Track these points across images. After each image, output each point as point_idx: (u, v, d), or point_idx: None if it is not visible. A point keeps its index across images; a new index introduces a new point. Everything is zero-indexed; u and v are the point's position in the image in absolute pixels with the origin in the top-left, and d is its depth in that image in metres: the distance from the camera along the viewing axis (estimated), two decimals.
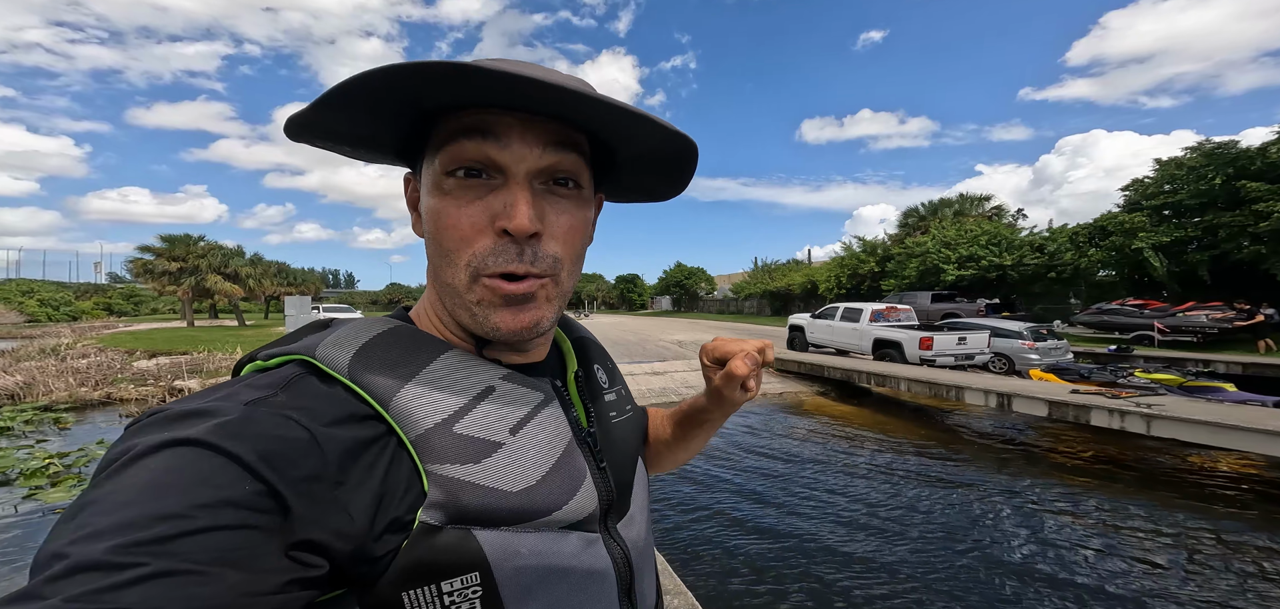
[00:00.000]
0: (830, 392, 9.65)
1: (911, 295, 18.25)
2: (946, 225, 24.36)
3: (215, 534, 0.26)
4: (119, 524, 0.25)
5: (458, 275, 0.40)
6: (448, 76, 0.34)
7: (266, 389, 0.34)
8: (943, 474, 5.44)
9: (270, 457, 0.29)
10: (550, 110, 0.39)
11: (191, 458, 0.28)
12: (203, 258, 24.80)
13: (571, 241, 0.43)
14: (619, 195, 0.54)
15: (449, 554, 0.34)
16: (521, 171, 0.39)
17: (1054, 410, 6.17)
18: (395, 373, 0.37)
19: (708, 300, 50.59)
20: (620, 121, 0.39)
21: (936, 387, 7.70)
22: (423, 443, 0.35)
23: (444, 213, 0.39)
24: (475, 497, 0.36)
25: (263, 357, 0.38)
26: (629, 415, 0.54)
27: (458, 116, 0.39)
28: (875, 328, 10.86)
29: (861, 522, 4.36)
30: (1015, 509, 4.58)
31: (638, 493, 0.51)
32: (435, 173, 0.40)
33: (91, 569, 0.24)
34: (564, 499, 0.40)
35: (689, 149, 0.44)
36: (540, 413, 0.42)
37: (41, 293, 45.25)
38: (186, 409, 0.31)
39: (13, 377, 9.91)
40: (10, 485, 4.92)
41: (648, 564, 0.50)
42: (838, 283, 27.79)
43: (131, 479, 0.27)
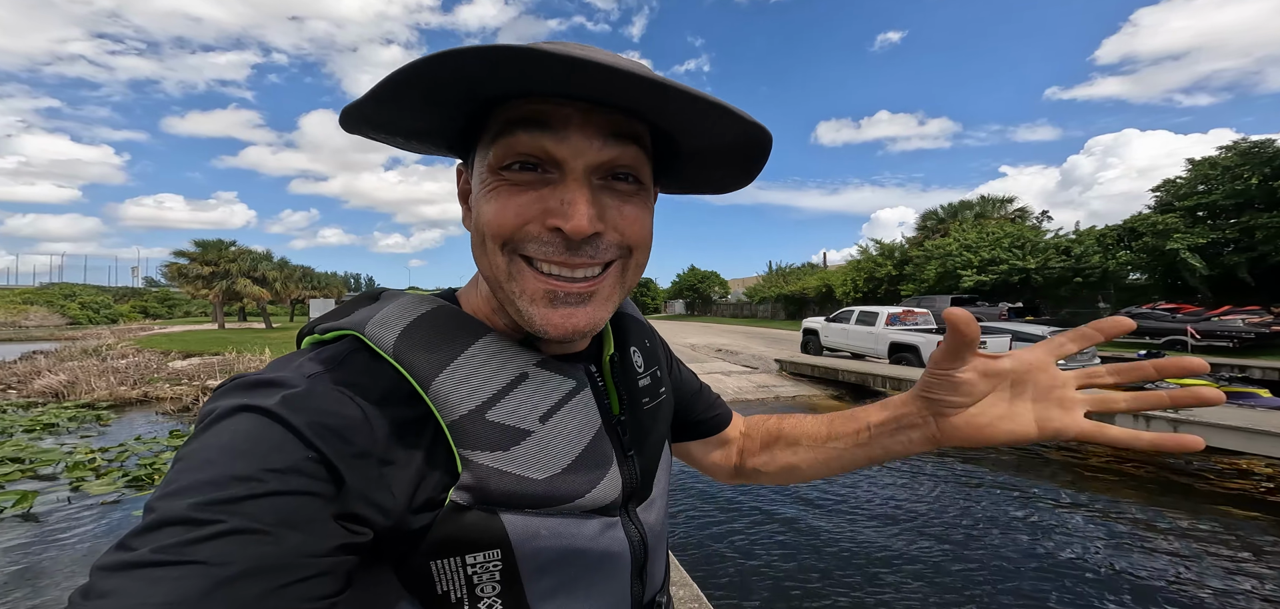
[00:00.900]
0: (844, 395, 9.54)
1: (930, 299, 17.90)
2: (967, 228, 23.85)
3: (281, 498, 0.29)
4: (201, 482, 0.28)
5: (496, 261, 0.39)
6: (504, 59, 0.31)
7: (325, 363, 0.36)
8: (959, 477, 5.35)
9: (328, 431, 0.32)
10: (614, 100, 0.35)
11: (263, 426, 0.31)
12: (233, 262, 25.77)
13: (638, 233, 0.40)
14: (678, 188, 0.50)
15: (474, 532, 0.36)
16: (580, 167, 0.37)
17: None
18: (435, 356, 0.38)
19: (721, 304, 50.33)
20: (688, 111, 0.36)
21: None
22: (458, 428, 0.37)
23: (489, 204, 0.38)
24: (503, 483, 0.37)
25: (320, 329, 0.41)
26: (661, 399, 0.53)
27: (514, 106, 0.37)
28: (891, 331, 10.72)
29: (872, 522, 4.34)
30: (1035, 513, 4.49)
31: (660, 477, 0.51)
32: (488, 165, 0.38)
33: (175, 524, 0.27)
34: (588, 487, 0.41)
35: (763, 139, 0.40)
36: (571, 401, 0.42)
37: (82, 296, 47.55)
38: (261, 379, 0.34)
39: (58, 376, 10.50)
40: (56, 479, 5.21)
41: (660, 545, 0.51)
42: (854, 287, 27.40)
43: (213, 440, 0.31)
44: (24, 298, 44.85)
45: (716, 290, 53.72)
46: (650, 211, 0.43)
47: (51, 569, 3.54)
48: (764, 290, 40.61)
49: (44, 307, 43.09)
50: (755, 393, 9.31)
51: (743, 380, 10.38)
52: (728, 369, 11.75)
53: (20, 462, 5.57)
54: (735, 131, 0.39)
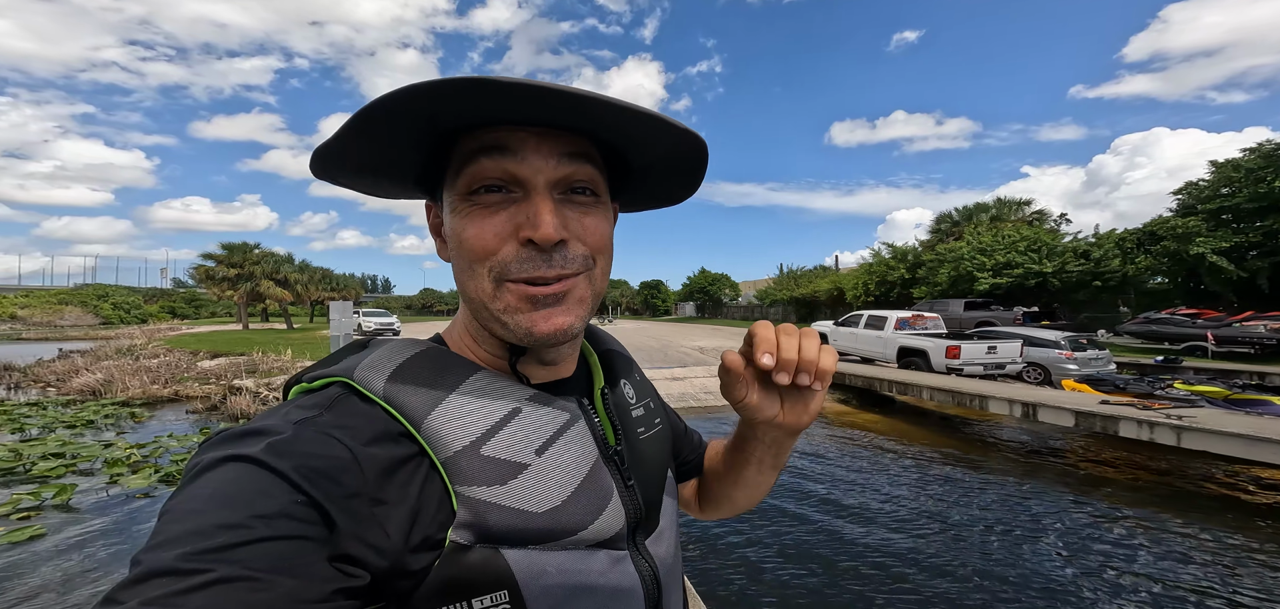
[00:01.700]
0: (851, 399, 9.56)
1: (942, 303, 17.69)
2: (982, 231, 23.48)
3: (270, 544, 0.29)
4: (187, 532, 0.28)
5: (482, 285, 0.41)
6: (460, 91, 0.34)
7: (313, 409, 0.36)
8: (966, 484, 5.38)
9: (315, 474, 0.32)
10: (563, 119, 0.39)
11: (250, 473, 0.31)
12: (257, 265, 26.54)
13: (598, 241, 0.43)
14: (634, 204, 0.55)
15: (478, 572, 0.36)
16: (541, 182, 0.40)
17: (1081, 421, 6.00)
18: (426, 395, 0.39)
19: (732, 307, 50.16)
20: (631, 125, 0.39)
21: (960, 396, 7.56)
22: (452, 465, 0.37)
23: (468, 228, 0.40)
24: (502, 518, 0.37)
25: (308, 378, 0.41)
26: (657, 429, 0.53)
27: (475, 136, 0.40)
28: (900, 336, 10.68)
29: (879, 527, 4.41)
30: (1039, 520, 4.52)
31: (667, 507, 0.51)
32: (457, 193, 0.41)
33: (163, 575, 0.27)
34: (590, 518, 0.40)
35: (698, 147, 0.43)
36: (566, 432, 0.42)
37: (114, 297, 49.42)
38: (247, 429, 0.34)
39: (95, 375, 11.04)
40: (94, 473, 5.55)
41: (675, 580, 0.50)
42: (866, 290, 27.14)
43: (198, 491, 0.31)
44: (60, 298, 46.89)
45: (727, 293, 53.51)
46: (609, 223, 0.45)
47: (88, 559, 3.80)
48: (775, 293, 40.40)
49: (78, 307, 44.99)
50: None
51: None
52: None
53: (62, 456, 5.96)
54: (673, 140, 0.42)
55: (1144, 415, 5.49)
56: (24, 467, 5.52)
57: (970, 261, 20.76)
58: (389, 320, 21.68)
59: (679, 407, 8.47)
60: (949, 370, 9.32)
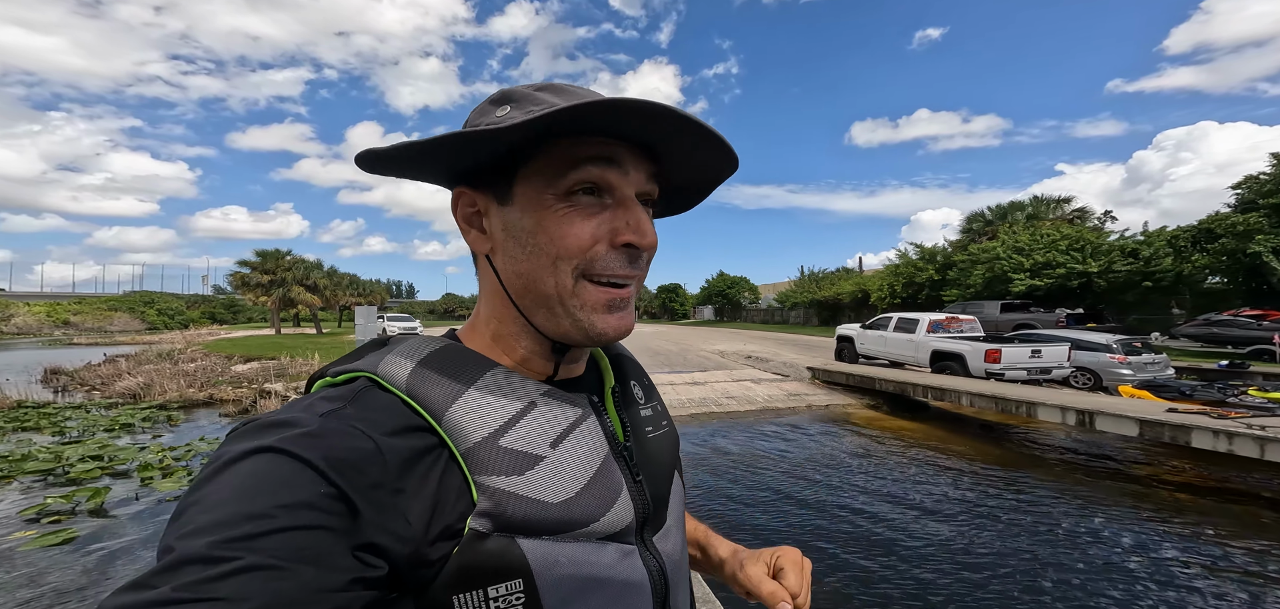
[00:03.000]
0: (882, 405, 9.12)
1: (977, 305, 16.93)
2: (1018, 230, 22.45)
3: (295, 533, 0.30)
4: (216, 521, 0.29)
5: (564, 281, 0.43)
6: (593, 111, 0.38)
7: (338, 402, 0.37)
8: (1012, 495, 4.98)
9: (341, 464, 0.33)
10: (656, 132, 0.43)
11: (275, 463, 0.32)
12: (289, 271, 27.60)
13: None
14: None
15: (495, 560, 0.36)
16: (632, 193, 0.44)
17: (1146, 431, 5.49)
18: (447, 388, 0.40)
19: (752, 310, 49.66)
20: (693, 150, 0.44)
21: (1004, 402, 7.09)
22: (471, 455, 0.38)
23: (564, 224, 0.42)
24: (519, 507, 0.38)
25: (331, 373, 0.43)
26: (664, 431, 0.55)
27: (581, 144, 0.42)
28: (933, 339, 10.19)
29: (916, 539, 4.09)
30: (1098, 538, 4.11)
31: (673, 506, 0.52)
32: (553, 190, 0.43)
33: (193, 562, 0.27)
34: (602, 511, 0.42)
35: (730, 160, 0.46)
36: (579, 427, 0.44)
37: (159, 303, 52.13)
38: (273, 420, 0.35)
39: (136, 378, 11.51)
40: (129, 476, 5.67)
41: (682, 578, 0.51)
42: (891, 292, 26.32)
43: (226, 481, 0.31)
44: (109, 305, 49.67)
45: (746, 296, 53.04)
46: None
47: (113, 563, 3.83)
48: (796, 296, 39.76)
49: (126, 313, 47.56)
50: (786, 401, 9.03)
51: (773, 388, 10.12)
52: (758, 377, 11.48)
53: (99, 459, 6.12)
54: (718, 165, 0.47)
55: (1220, 425, 4.98)
56: (62, 468, 5.68)
57: (1006, 262, 19.85)
58: (412, 324, 22.37)
59: (700, 412, 8.24)
60: (988, 375, 8.81)
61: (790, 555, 0.57)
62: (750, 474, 5.66)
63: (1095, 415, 5.91)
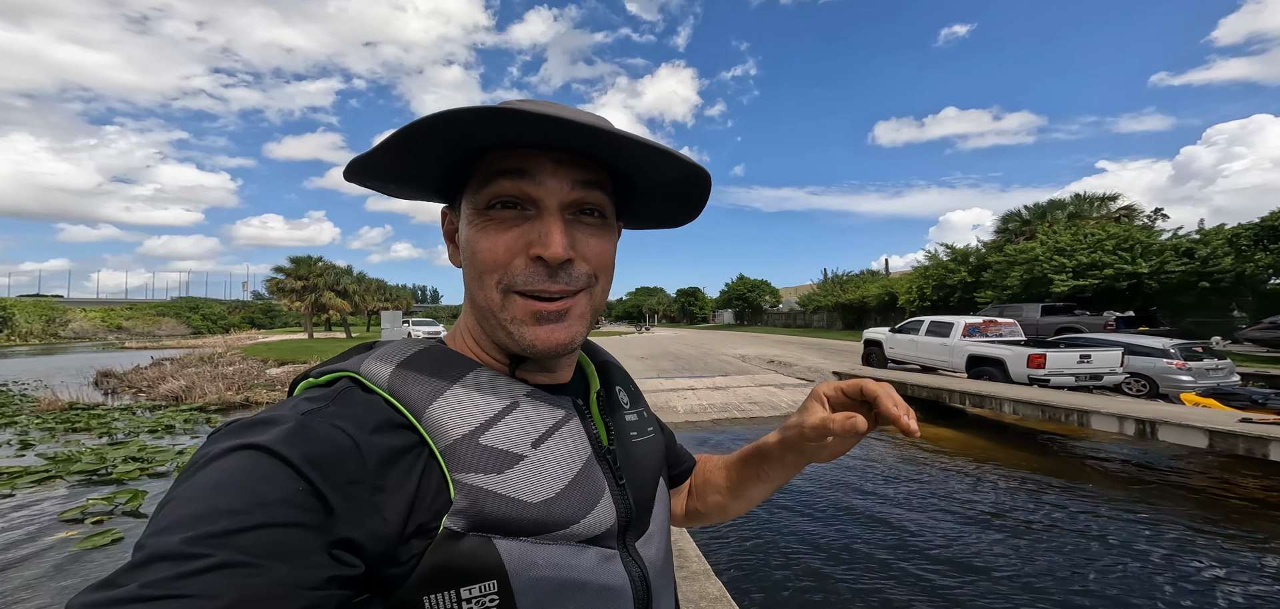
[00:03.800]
0: (916, 412, 8.69)
1: (1015, 308, 16.11)
2: (1059, 229, 21.32)
3: (269, 530, 0.29)
4: (190, 517, 0.29)
5: (491, 295, 0.43)
6: (490, 118, 0.37)
7: (320, 401, 0.37)
8: (1060, 507, 4.61)
9: (318, 460, 0.32)
10: (578, 146, 0.42)
11: (254, 461, 0.31)
12: (320, 277, 28.63)
13: (602, 262, 0.46)
14: (637, 223, 0.57)
15: (469, 560, 0.36)
16: (554, 204, 0.42)
17: (1217, 442, 5.01)
18: (428, 387, 0.40)
19: (773, 314, 48.92)
20: (639, 155, 0.42)
21: (1051, 409, 6.62)
22: (450, 452, 0.38)
23: (482, 239, 0.43)
24: (496, 505, 0.37)
25: (315, 374, 0.42)
26: (650, 436, 0.55)
27: (498, 157, 0.42)
28: (970, 343, 9.68)
29: (953, 552, 3.81)
30: (1163, 557, 3.73)
31: (657, 513, 0.52)
32: (475, 206, 0.43)
33: (165, 559, 0.27)
34: (582, 513, 0.41)
35: (702, 179, 0.46)
36: (562, 428, 0.43)
37: (204, 309, 54.84)
38: (255, 420, 0.35)
39: (179, 381, 12.02)
40: (166, 477, 5.85)
41: (666, 584, 0.50)
42: (920, 295, 25.38)
43: (204, 479, 0.31)
44: (158, 310, 52.55)
45: (767, 299, 52.35)
46: (613, 243, 0.48)
47: None
48: (819, 299, 38.92)
49: (173, 318, 50.18)
50: None
51: (797, 393, 9.79)
52: (781, 382, 11.15)
53: (139, 460, 6.34)
54: (679, 171, 0.45)
55: None
56: (106, 469, 5.90)
57: (1047, 263, 18.85)
58: (436, 328, 22.80)
59: (721, 417, 8.02)
60: (1032, 381, 8.29)
61: (868, 384, 0.51)
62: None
63: (1158, 425, 5.44)
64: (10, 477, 5.45)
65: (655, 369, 12.91)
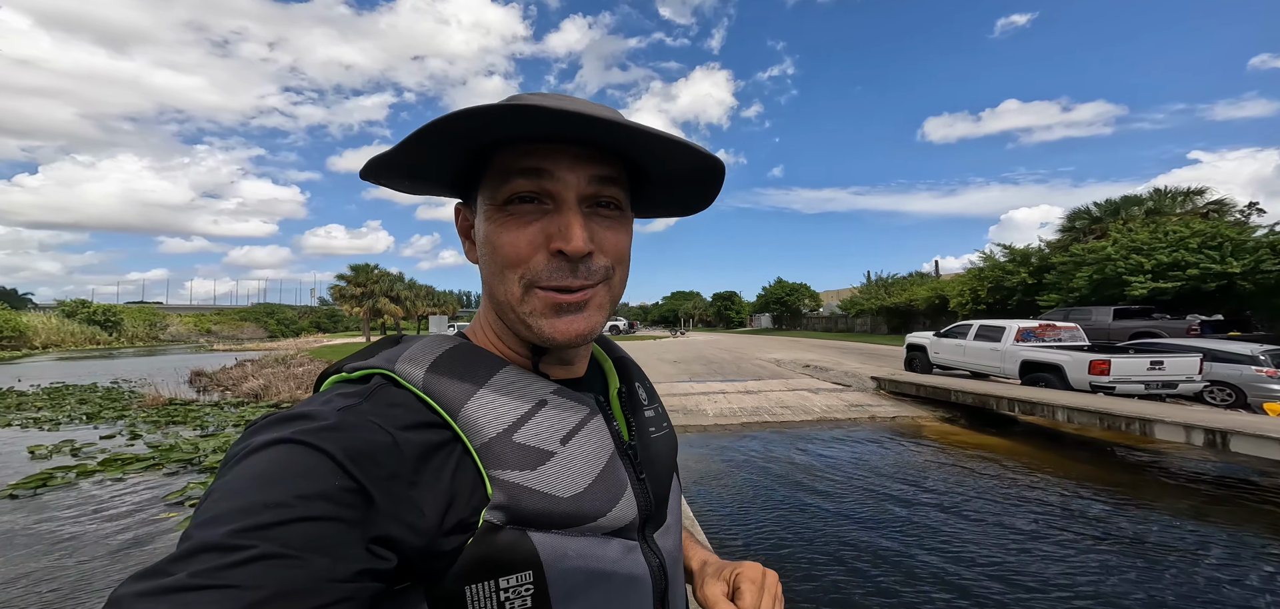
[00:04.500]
0: (958, 418, 8.29)
1: (1083, 311, 14.89)
2: (1135, 226, 19.47)
3: (310, 524, 0.30)
4: (234, 510, 0.30)
5: (512, 289, 0.44)
6: (505, 115, 0.38)
7: (354, 397, 0.38)
8: (1120, 521, 4.31)
9: (358, 456, 0.33)
10: (593, 139, 0.43)
11: (295, 454, 0.33)
12: (376, 283, 30.77)
13: (619, 253, 0.47)
14: (651, 212, 0.57)
15: (507, 552, 0.38)
16: (572, 198, 0.43)
17: None
18: (462, 386, 0.41)
19: (812, 318, 47.43)
20: (652, 145, 0.43)
21: (1110, 418, 6.16)
22: (486, 450, 0.39)
23: (503, 235, 0.43)
24: (531, 501, 0.39)
25: (347, 369, 0.44)
26: (665, 432, 0.57)
27: (514, 153, 0.43)
28: (1023, 348, 9.10)
29: (992, 560, 3.68)
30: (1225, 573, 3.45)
31: (672, 505, 0.54)
32: (494, 202, 0.44)
33: (211, 550, 0.28)
34: (608, 506, 0.43)
35: (716, 167, 0.47)
36: (587, 425, 0.45)
37: (278, 314, 60.25)
38: (293, 413, 0.36)
39: (258, 380, 13.40)
40: None
41: (679, 574, 0.53)
42: (974, 297, 23.84)
43: (246, 470, 0.32)
44: (241, 316, 58.40)
45: (806, 303, 50.78)
46: (629, 234, 0.49)
47: None
48: (862, 302, 37.34)
49: (253, 322, 55.64)
50: (846, 412, 8.50)
51: (832, 398, 9.57)
52: (816, 386, 10.91)
53: (224, 451, 7.17)
54: (692, 160, 0.46)
55: None
56: (199, 458, 6.66)
57: (1120, 263, 17.26)
58: None
59: (751, 421, 7.99)
60: (1094, 388, 7.70)
61: (750, 572, 0.55)
62: (805, 486, 5.41)
63: (1229, 435, 4.96)
64: (124, 463, 6.25)
65: (687, 373, 12.95)
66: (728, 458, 6.33)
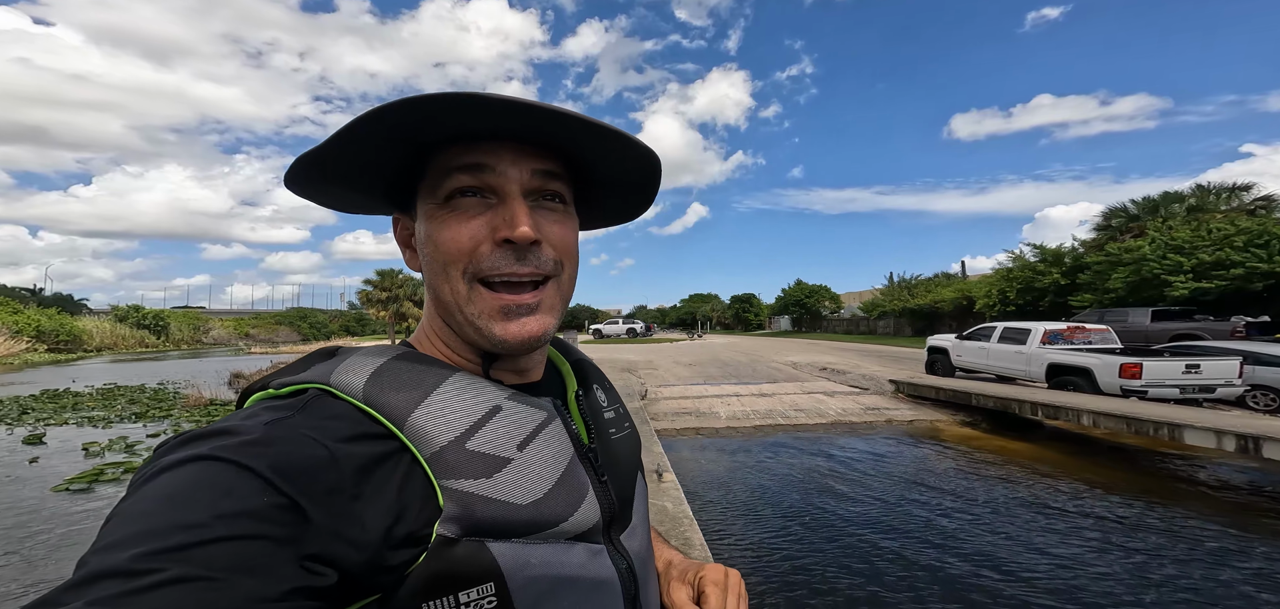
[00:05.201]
0: (979, 422, 8.09)
1: (1119, 313, 14.29)
2: (1176, 224, 18.53)
3: (233, 544, 0.28)
4: (140, 533, 0.27)
5: (457, 287, 0.43)
6: (443, 106, 0.37)
7: (284, 411, 0.36)
8: (1151, 527, 4.19)
9: (289, 471, 0.31)
10: (535, 134, 0.42)
11: (213, 471, 0.30)
12: (401, 288, 31.69)
13: (566, 246, 0.46)
14: (594, 220, 0.58)
15: (465, 565, 0.36)
16: (516, 189, 0.43)
17: None
18: (407, 394, 0.39)
19: (833, 320, 46.58)
20: (592, 138, 0.43)
21: (1138, 422, 5.95)
22: (437, 460, 0.37)
23: (444, 230, 0.43)
24: (488, 509, 0.37)
25: (274, 385, 0.40)
26: (627, 433, 0.56)
27: (454, 153, 0.42)
28: (1049, 351, 8.83)
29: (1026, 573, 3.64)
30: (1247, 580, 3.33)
31: (638, 506, 0.53)
32: (434, 200, 0.43)
33: (111, 576, 0.25)
34: (569, 511, 0.42)
35: (654, 165, 0.47)
36: (545, 429, 0.44)
37: (310, 318, 62.72)
38: (208, 430, 0.33)
39: None
40: None
41: (650, 575, 0.52)
42: (1002, 299, 23.06)
43: (155, 491, 0.29)
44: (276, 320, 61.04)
45: (826, 305, 49.85)
46: (575, 231, 0.49)
47: None
48: (884, 304, 36.50)
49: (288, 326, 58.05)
50: (862, 415, 8.38)
51: (848, 402, 9.44)
52: (831, 389, 10.75)
53: None
54: (635, 155, 0.46)
55: None
56: None
57: (1159, 262, 16.48)
58: None
59: (763, 424, 7.99)
60: (1125, 392, 7.43)
61: (712, 574, 0.56)
62: (816, 490, 5.40)
63: (1262, 441, 4.74)
64: None
65: (702, 375, 12.96)
66: (738, 461, 6.34)
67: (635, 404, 8.20)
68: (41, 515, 4.56)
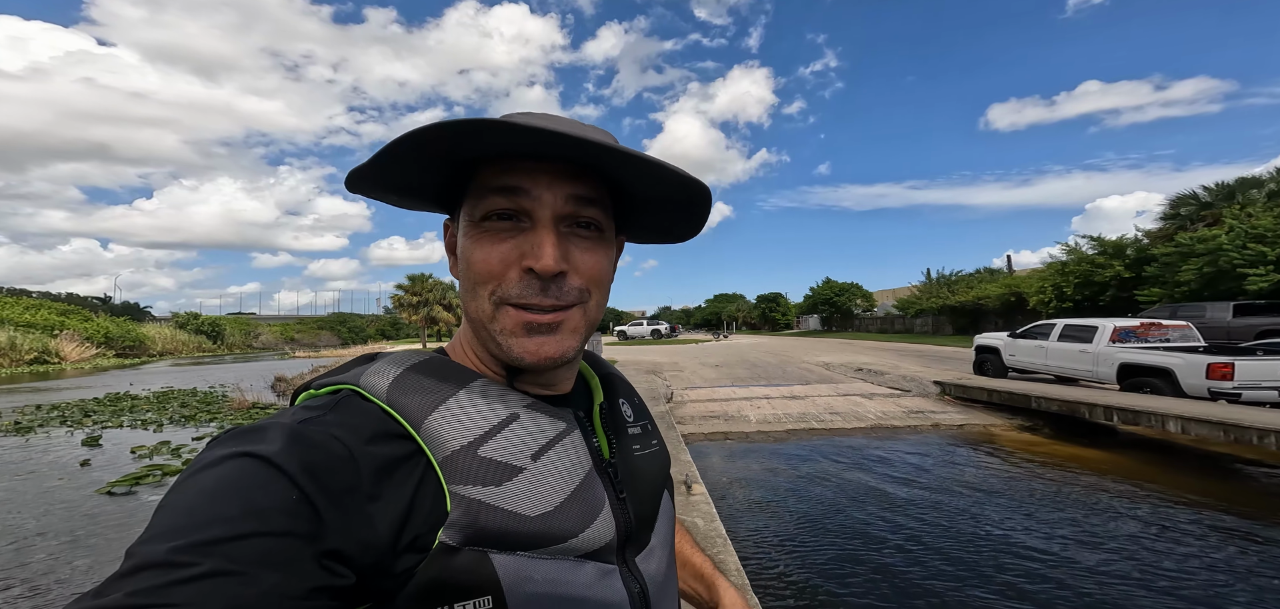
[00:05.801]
0: (1041, 427, 7.38)
1: (1196, 307, 12.96)
2: (1257, 212, 16.75)
3: (260, 539, 0.29)
4: (180, 526, 0.29)
5: (483, 306, 0.43)
6: (483, 130, 0.37)
7: (317, 410, 0.38)
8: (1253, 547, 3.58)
9: (312, 469, 0.33)
10: (572, 157, 0.42)
11: (248, 469, 0.32)
12: (431, 292, 32.55)
13: (596, 275, 0.45)
14: (639, 237, 0.56)
15: (464, 575, 0.36)
16: (547, 216, 0.42)
17: None
18: (427, 398, 0.40)
19: (865, 319, 44.97)
20: (636, 169, 0.41)
21: (1239, 429, 5.21)
22: (448, 464, 0.37)
23: (476, 251, 0.43)
24: (494, 519, 0.37)
25: (316, 385, 0.43)
26: (653, 450, 0.54)
27: (492, 170, 0.43)
28: (1121, 350, 7.99)
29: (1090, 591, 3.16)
30: None
31: (660, 527, 0.51)
32: (471, 218, 0.44)
33: (153, 567, 0.27)
34: (581, 527, 0.41)
35: (702, 193, 0.45)
36: (562, 440, 0.43)
37: (350, 323, 65.61)
38: (252, 428, 0.35)
39: None
40: None
41: (668, 600, 0.50)
42: (1058, 294, 21.50)
43: (196, 486, 0.31)
44: (318, 325, 64.18)
45: (858, 303, 48.20)
46: (608, 257, 0.47)
47: None
48: (921, 302, 34.91)
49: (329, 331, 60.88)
50: (905, 419, 7.80)
51: (888, 404, 8.85)
52: (870, 391, 10.15)
53: None
54: (675, 182, 0.43)
55: None
56: None
57: (1236, 254, 14.91)
58: None
59: (797, 428, 7.55)
60: (1213, 395, 6.59)
61: None
62: (856, 500, 4.97)
63: None
64: None
65: (729, 377, 12.58)
66: (771, 468, 5.97)
67: (661, 408, 7.93)
68: (79, 514, 4.72)
